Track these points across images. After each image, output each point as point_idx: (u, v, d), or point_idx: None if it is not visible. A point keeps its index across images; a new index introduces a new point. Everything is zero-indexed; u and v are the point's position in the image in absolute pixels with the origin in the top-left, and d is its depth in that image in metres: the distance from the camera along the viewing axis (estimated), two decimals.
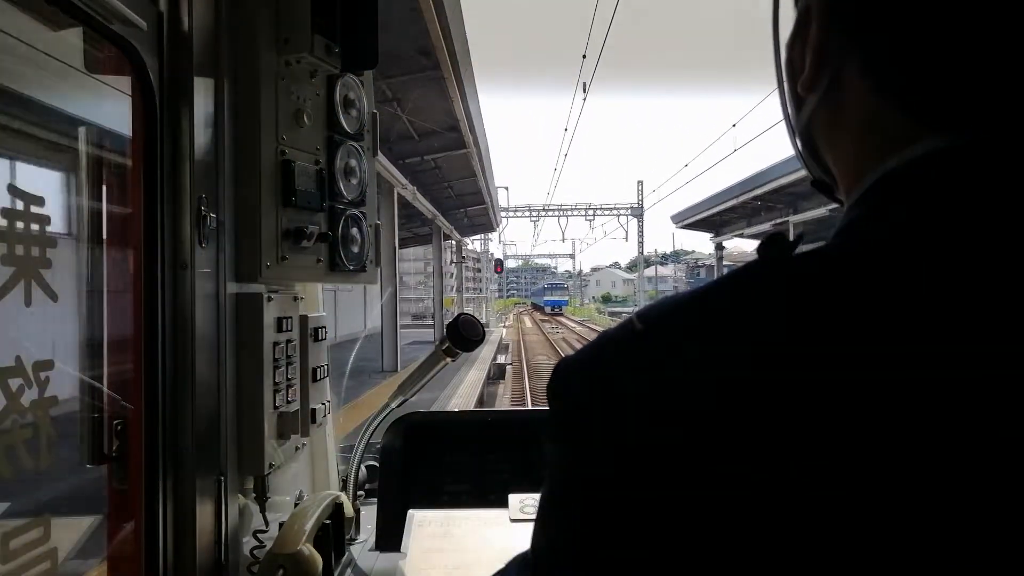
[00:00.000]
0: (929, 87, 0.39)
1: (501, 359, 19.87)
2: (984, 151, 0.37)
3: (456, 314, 1.45)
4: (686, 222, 29.88)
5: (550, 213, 42.99)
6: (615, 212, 41.73)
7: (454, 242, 26.67)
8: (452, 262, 29.65)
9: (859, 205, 0.41)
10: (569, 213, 42.80)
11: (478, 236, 41.75)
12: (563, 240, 51.37)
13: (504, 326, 39.26)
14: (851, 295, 0.35)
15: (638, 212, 41.12)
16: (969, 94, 0.38)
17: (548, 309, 62.17)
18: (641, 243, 40.79)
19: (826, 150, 0.47)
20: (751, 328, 0.36)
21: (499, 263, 37.48)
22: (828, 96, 0.44)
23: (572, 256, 78.19)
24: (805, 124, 0.48)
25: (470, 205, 21.53)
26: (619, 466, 0.37)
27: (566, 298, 69.33)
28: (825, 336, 0.34)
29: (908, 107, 0.40)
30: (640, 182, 41.87)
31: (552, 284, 74.10)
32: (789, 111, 0.50)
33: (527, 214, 43.43)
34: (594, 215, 42.35)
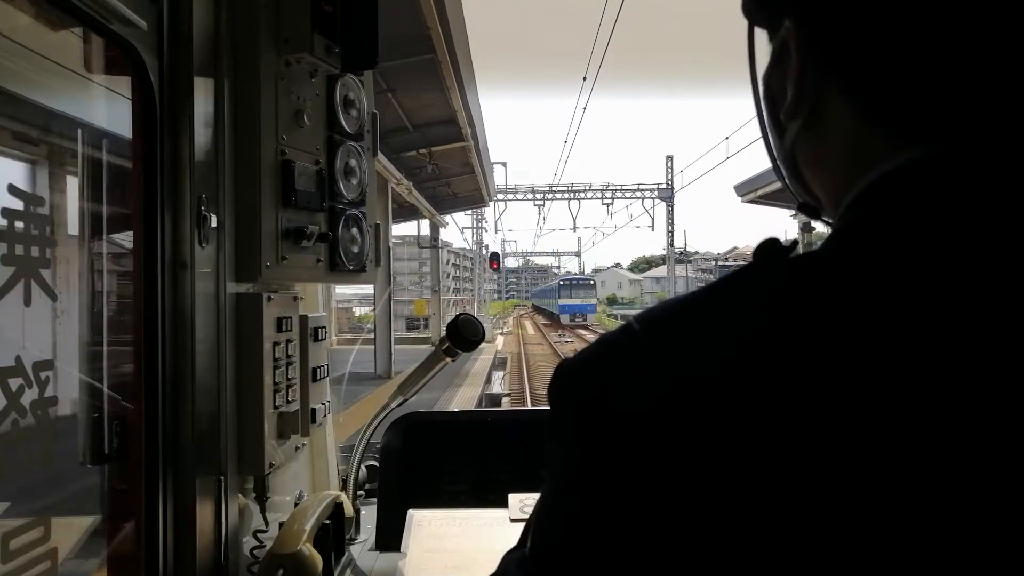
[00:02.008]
0: (907, 105, 0.40)
1: (496, 385, 13.63)
2: (961, 159, 0.38)
3: (456, 314, 1.45)
4: (757, 194, 21.94)
5: (558, 196, 34.09)
6: (639, 194, 33.32)
7: (427, 222, 18.44)
8: (422, 242, 19.88)
9: (847, 214, 0.42)
10: (581, 195, 33.90)
11: (467, 221, 34.22)
12: (574, 229, 36.89)
13: (501, 333, 32.54)
14: (840, 297, 0.37)
15: (667, 194, 33.01)
16: (944, 110, 0.39)
17: (566, 318, 41.87)
18: (671, 232, 33.08)
19: (810, 173, 0.49)
20: (746, 328, 0.37)
21: (495, 257, 28.38)
22: (810, 121, 0.46)
23: (578, 254, 69.73)
24: (789, 150, 0.50)
25: (439, 143, 11.92)
26: (619, 464, 0.38)
27: (593, 301, 44.32)
28: (816, 336, 0.35)
29: (888, 124, 0.41)
30: (670, 157, 33.34)
31: (572, 279, 46.33)
32: (771, 139, 0.52)
33: (530, 197, 34.53)
34: (612, 198, 33.74)
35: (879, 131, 0.42)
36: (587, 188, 34.41)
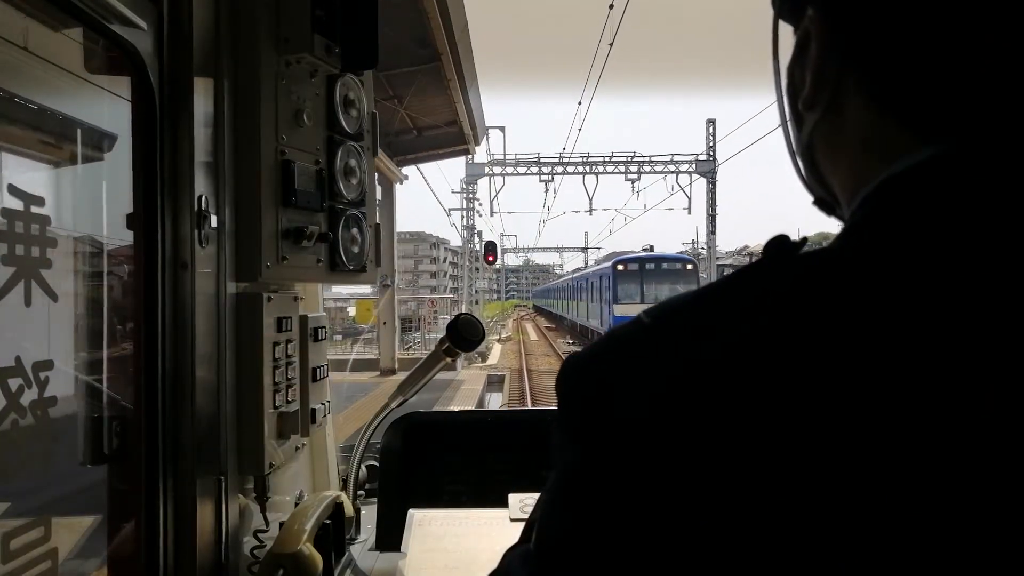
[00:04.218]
0: (924, 99, 0.40)
1: None
2: (979, 157, 0.38)
3: (457, 313, 1.45)
4: None
5: (570, 169, 25.13)
6: (672, 167, 24.16)
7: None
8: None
9: (861, 209, 0.42)
10: (599, 169, 24.88)
11: (456, 201, 25.88)
12: (590, 212, 26.21)
13: (499, 339, 27.69)
14: (850, 293, 0.36)
15: (707, 167, 23.86)
16: (963, 105, 0.39)
17: None
18: (712, 215, 24.21)
19: (827, 167, 0.49)
20: (755, 323, 0.37)
21: (491, 248, 21.01)
22: (828, 113, 0.46)
23: (585, 249, 65.29)
24: (807, 143, 0.49)
25: None
26: (618, 465, 0.38)
27: None
28: (826, 332, 0.35)
29: (905, 119, 0.41)
30: (711, 122, 24.14)
31: (642, 258, 21.80)
32: (790, 132, 0.52)
33: (535, 170, 25.48)
34: (639, 172, 24.67)
35: (896, 125, 0.41)
36: (607, 160, 25.06)
